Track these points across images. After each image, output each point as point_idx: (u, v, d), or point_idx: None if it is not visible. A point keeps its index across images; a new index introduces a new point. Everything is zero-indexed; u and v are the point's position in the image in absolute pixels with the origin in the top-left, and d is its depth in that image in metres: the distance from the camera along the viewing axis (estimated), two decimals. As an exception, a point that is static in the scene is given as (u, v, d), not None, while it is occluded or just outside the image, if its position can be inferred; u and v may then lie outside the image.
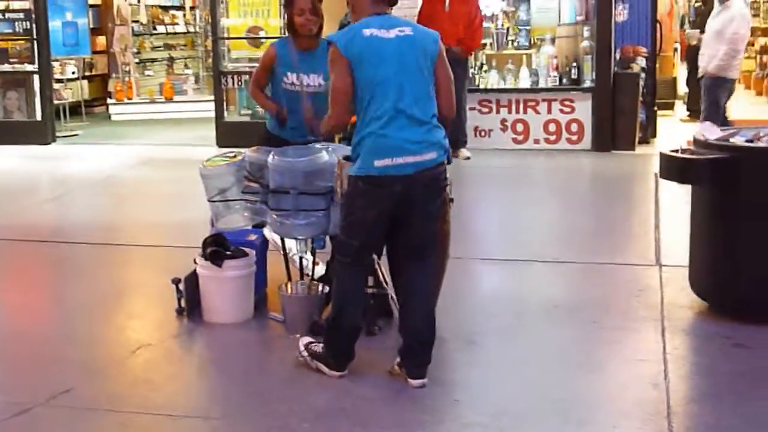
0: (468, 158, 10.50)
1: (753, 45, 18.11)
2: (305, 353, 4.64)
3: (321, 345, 4.60)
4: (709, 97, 9.42)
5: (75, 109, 14.86)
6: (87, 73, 15.84)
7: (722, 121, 9.43)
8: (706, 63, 9.43)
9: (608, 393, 4.50)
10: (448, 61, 4.57)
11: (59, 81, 14.41)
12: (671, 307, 5.52)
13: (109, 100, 15.74)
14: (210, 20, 13.34)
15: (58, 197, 9.65)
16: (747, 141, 5.28)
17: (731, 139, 5.31)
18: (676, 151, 5.41)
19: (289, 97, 5.48)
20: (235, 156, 5.42)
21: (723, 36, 9.19)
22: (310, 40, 5.46)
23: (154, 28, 17.15)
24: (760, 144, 5.25)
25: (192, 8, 18.03)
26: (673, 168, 5.39)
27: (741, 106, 15.19)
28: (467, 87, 10.73)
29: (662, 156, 5.47)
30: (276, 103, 5.58)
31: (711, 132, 5.42)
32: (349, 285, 4.54)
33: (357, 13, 4.52)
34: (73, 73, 15.11)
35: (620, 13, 11.46)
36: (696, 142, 5.39)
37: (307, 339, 4.72)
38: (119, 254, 7.24)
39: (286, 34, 5.70)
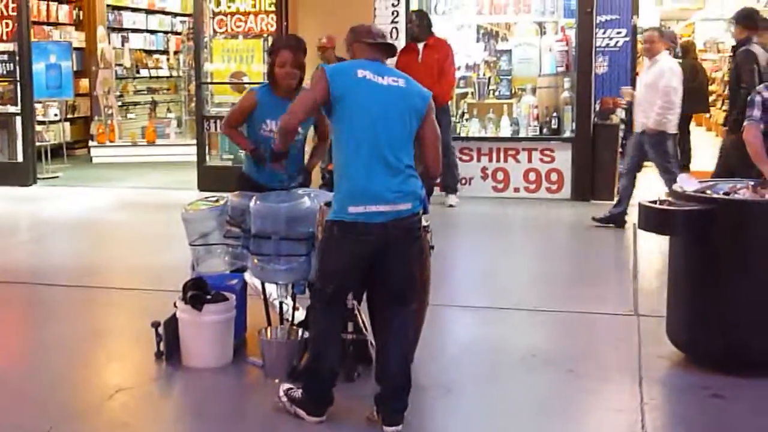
0: (451, 206, 10.55)
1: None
2: (284, 398, 4.64)
3: (300, 390, 4.60)
4: (657, 151, 9.33)
5: (56, 152, 14.85)
6: (69, 116, 15.87)
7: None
8: (644, 119, 9.37)
9: (586, 442, 4.50)
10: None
11: (41, 123, 14.43)
12: (649, 358, 5.55)
13: (90, 143, 15.74)
14: (194, 65, 13.42)
15: (38, 239, 9.63)
16: (724, 193, 5.35)
17: (709, 191, 5.38)
18: (655, 202, 5.47)
19: (266, 144, 5.50)
20: (217, 200, 5.45)
21: (656, 90, 9.22)
22: (290, 89, 5.52)
23: (138, 72, 17.23)
24: (737, 196, 5.32)
25: (176, 53, 18.12)
26: (651, 219, 5.44)
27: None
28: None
29: (641, 207, 5.52)
30: (248, 142, 5.61)
31: (689, 184, 5.49)
32: (325, 329, 4.55)
33: (356, 56, 4.60)
34: (56, 115, 15.13)
35: (600, 66, 11.60)
36: (674, 193, 5.45)
37: (286, 385, 4.72)
38: (98, 297, 7.22)
39: (266, 81, 5.75)
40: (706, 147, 16.57)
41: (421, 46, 10.70)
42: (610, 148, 11.03)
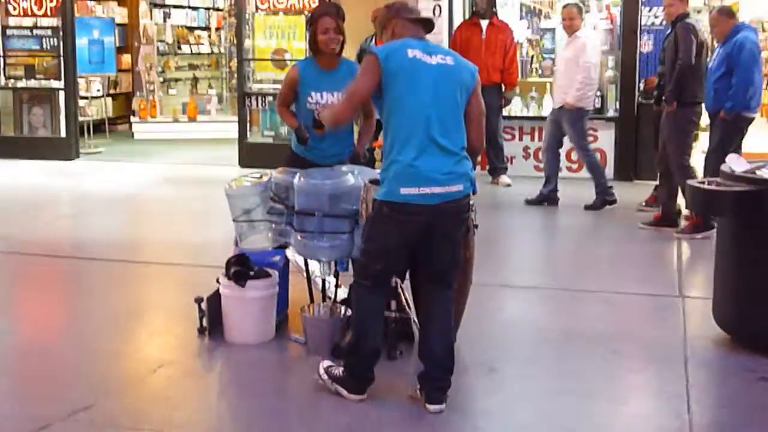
0: (509, 185, 10.51)
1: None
2: (325, 376, 4.63)
3: (341, 368, 4.59)
4: (574, 127, 9.29)
5: (98, 127, 14.95)
6: (111, 91, 15.95)
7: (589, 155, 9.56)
8: (563, 94, 9.31)
9: (629, 424, 4.47)
10: (482, 91, 4.60)
11: (84, 98, 14.51)
12: (694, 339, 5.49)
13: (132, 119, 15.82)
14: (235, 41, 13.43)
15: (80, 213, 9.69)
16: (774, 174, 5.26)
17: (758, 172, 5.30)
18: (703, 182, 5.39)
19: (310, 118, 5.48)
20: (261, 177, 5.44)
21: (576, 66, 9.13)
22: (332, 58, 5.49)
23: (179, 48, 17.28)
24: (787, 177, 5.23)
25: (217, 29, 18.15)
26: (700, 199, 5.38)
27: (766, 139, 15.16)
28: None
29: (689, 187, 5.45)
30: (298, 121, 5.60)
31: (738, 164, 5.41)
32: (369, 308, 4.53)
33: (395, 35, 4.53)
34: (98, 90, 15.22)
35: (645, 44, 11.44)
36: (723, 174, 5.37)
37: (327, 362, 4.71)
38: (141, 272, 7.26)
39: (309, 53, 5.73)
40: (756, 127, 16.35)
41: (484, 24, 10.63)
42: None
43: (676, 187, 8.24)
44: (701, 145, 13.93)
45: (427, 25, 4.58)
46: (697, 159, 9.08)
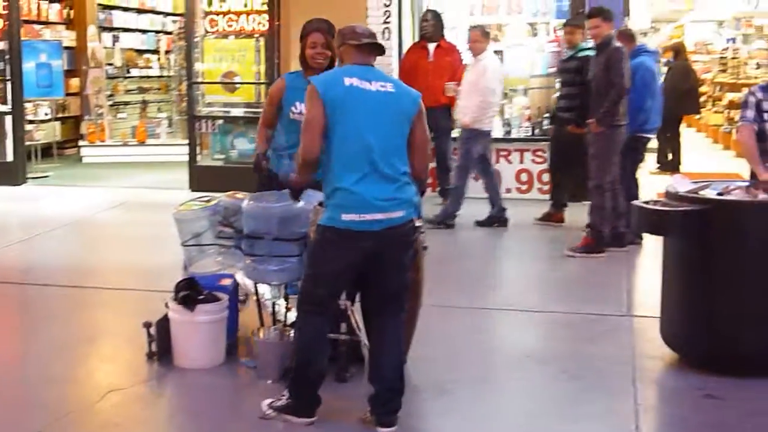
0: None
1: (721, 100, 18.40)
2: (270, 412, 4.60)
3: (283, 398, 4.57)
4: (465, 148, 9.50)
5: (47, 151, 14.80)
6: (60, 115, 15.81)
7: (486, 171, 9.77)
8: (463, 115, 9.56)
9: (580, 443, 4.49)
10: (429, 117, 4.61)
11: (32, 122, 14.37)
12: (643, 358, 5.54)
13: (81, 142, 15.68)
14: (185, 64, 13.38)
15: (28, 239, 9.57)
16: (718, 194, 5.35)
17: (702, 192, 5.38)
18: (648, 202, 5.46)
19: (297, 128, 5.45)
20: (209, 200, 5.42)
21: (477, 89, 9.32)
22: (320, 70, 5.43)
23: (129, 71, 17.18)
24: (731, 197, 5.32)
25: (167, 52, 18.07)
26: (646, 219, 5.44)
27: (707, 159, 15.42)
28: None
29: (635, 207, 5.52)
30: (264, 146, 5.60)
31: (682, 184, 5.49)
32: (313, 333, 4.52)
33: (343, 61, 4.56)
34: (46, 114, 15.08)
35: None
36: (668, 194, 5.44)
37: (268, 400, 4.67)
38: (90, 297, 7.19)
39: (299, 67, 5.73)
40: (696, 148, 16.64)
41: (432, 47, 10.68)
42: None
43: (605, 206, 8.31)
44: (647, 166, 14.18)
45: (376, 49, 4.57)
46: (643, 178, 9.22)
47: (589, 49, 9.20)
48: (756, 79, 16.52)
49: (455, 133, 10.39)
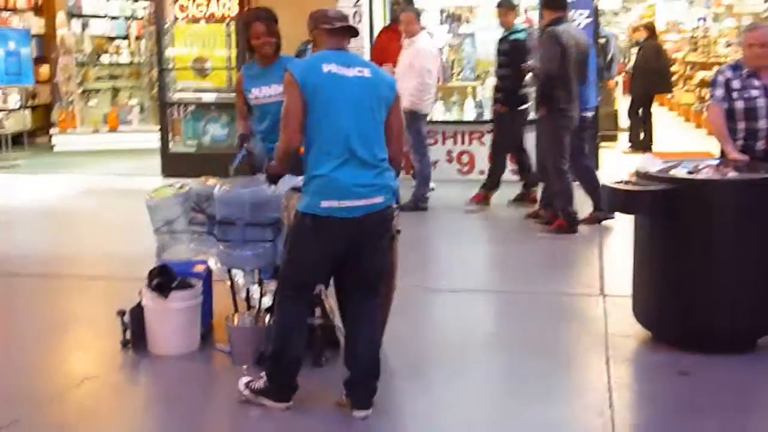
0: (432, 189, 10.54)
1: (692, 79, 18.49)
2: (246, 391, 4.61)
3: (261, 380, 4.58)
4: (411, 131, 9.52)
5: (17, 139, 14.70)
6: (30, 103, 15.69)
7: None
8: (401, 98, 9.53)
9: (554, 422, 4.51)
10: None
11: (1, 110, 14.25)
12: (615, 337, 5.58)
13: (52, 130, 15.58)
14: (156, 50, 13.32)
15: (0, 228, 9.52)
16: (688, 173, 5.39)
17: (672, 171, 5.41)
18: (619, 182, 5.50)
19: (261, 111, 5.50)
20: (182, 187, 5.40)
21: (413, 70, 9.34)
22: (269, 57, 5.53)
23: (98, 58, 17.05)
24: (701, 176, 5.36)
25: (137, 38, 17.95)
26: (616, 199, 5.48)
27: (680, 138, 15.51)
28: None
29: (605, 188, 5.55)
30: (245, 132, 5.70)
31: (653, 164, 5.52)
32: (291, 318, 4.53)
33: (317, 45, 4.55)
34: (16, 102, 14.96)
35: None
36: (638, 173, 5.48)
37: (246, 378, 4.68)
38: (63, 285, 7.16)
39: (248, 59, 5.86)
40: (668, 127, 16.73)
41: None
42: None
43: (567, 188, 8.39)
44: (620, 147, 14.25)
45: (349, 32, 4.56)
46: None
47: (521, 31, 9.34)
48: (726, 57, 16.60)
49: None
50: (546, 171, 8.54)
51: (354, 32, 4.57)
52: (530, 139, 9.47)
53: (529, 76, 9.29)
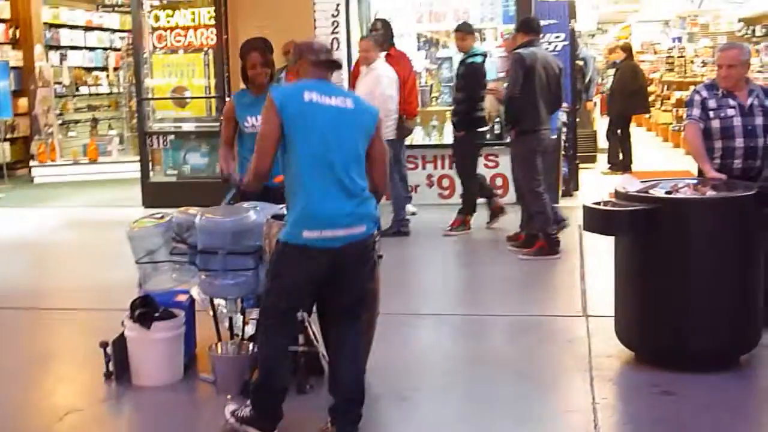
0: (414, 213, 10.57)
1: (669, 99, 18.63)
2: (232, 420, 4.60)
3: (247, 408, 4.57)
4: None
5: (-4, 172, 14.65)
6: (9, 136, 15.64)
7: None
8: None
9: (539, 444, 4.53)
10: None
11: (-20, 144, 14.21)
12: (599, 357, 5.60)
13: (31, 163, 15.52)
14: (134, 81, 13.32)
15: (-20, 262, 9.47)
16: (666, 192, 5.43)
17: (651, 191, 5.45)
18: (599, 203, 5.53)
19: (253, 141, 5.50)
20: (162, 217, 5.40)
21: (373, 98, 9.37)
22: (263, 86, 5.70)
23: (77, 90, 17.05)
24: (679, 195, 5.40)
25: (115, 69, 17.97)
26: (596, 220, 5.50)
27: (658, 158, 15.60)
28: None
29: (585, 208, 5.58)
30: (230, 164, 5.75)
31: (631, 184, 5.56)
32: (276, 347, 4.52)
33: (301, 76, 4.56)
34: (-6, 135, 14.93)
35: (540, 70, 11.67)
36: (617, 194, 5.51)
37: (232, 406, 4.67)
38: (44, 318, 7.12)
39: (242, 85, 6.00)
40: (646, 147, 16.83)
41: (382, 55, 10.70)
42: (553, 151, 11.08)
43: (544, 209, 8.47)
44: (599, 167, 14.32)
45: (332, 65, 4.59)
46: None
47: (477, 55, 9.42)
48: (702, 76, 16.76)
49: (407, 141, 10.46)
50: (531, 192, 8.57)
51: (338, 66, 4.62)
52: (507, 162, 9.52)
53: (487, 100, 9.46)
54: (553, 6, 11.72)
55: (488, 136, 10.60)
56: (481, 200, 9.89)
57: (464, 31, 9.75)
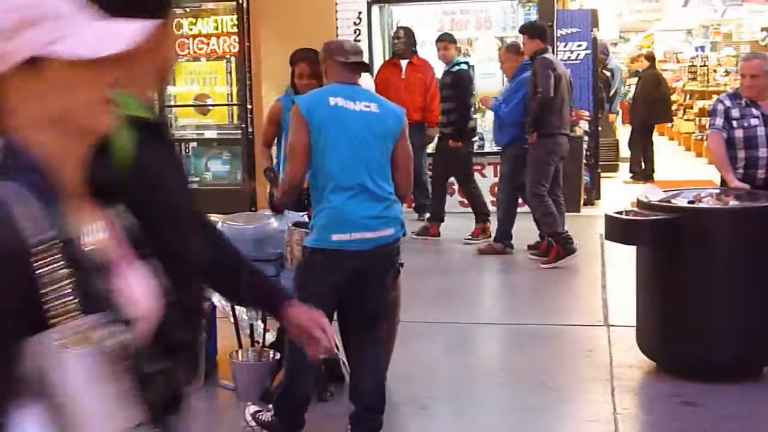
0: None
1: (692, 108, 18.56)
2: (253, 422, 4.61)
3: (269, 413, 4.57)
4: None
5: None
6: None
7: None
8: None
9: (560, 454, 4.52)
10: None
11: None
12: (620, 367, 5.58)
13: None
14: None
15: None
16: (689, 202, 5.41)
17: (673, 201, 5.43)
18: (621, 212, 5.51)
19: None
20: (184, 224, 5.41)
21: None
22: None
23: (100, 97, 17.15)
24: (702, 205, 5.38)
25: (138, 76, 18.06)
26: (618, 229, 5.49)
27: (680, 167, 15.53)
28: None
29: (607, 218, 5.56)
30: (268, 162, 5.90)
31: (654, 193, 5.54)
32: (302, 356, 4.50)
33: (328, 76, 4.56)
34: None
35: (562, 78, 11.66)
36: (639, 203, 5.49)
37: (253, 408, 4.68)
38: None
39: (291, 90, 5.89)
40: (669, 156, 16.76)
41: (404, 63, 10.73)
42: (575, 160, 11.08)
43: (549, 211, 8.51)
44: (621, 176, 14.28)
45: (361, 67, 4.58)
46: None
47: (463, 63, 9.45)
48: (725, 86, 16.68)
49: (429, 149, 10.51)
50: (535, 197, 8.58)
51: (366, 68, 4.62)
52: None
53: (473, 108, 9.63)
54: (575, 14, 11.73)
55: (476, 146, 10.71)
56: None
57: (446, 40, 9.88)
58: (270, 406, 4.60)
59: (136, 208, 1.63)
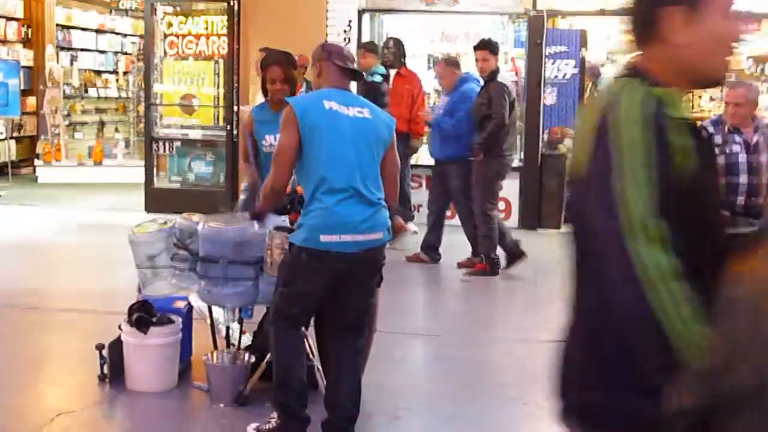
0: (415, 232, 10.56)
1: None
2: None
3: (272, 420, 4.55)
4: None
5: (1, 170, 14.66)
6: (15, 134, 15.68)
7: None
8: None
9: (530, 470, 4.52)
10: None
11: (-14, 141, 14.25)
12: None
13: (36, 162, 15.54)
14: (143, 86, 13.36)
15: (-20, 258, 9.47)
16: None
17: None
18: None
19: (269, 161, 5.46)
20: (165, 223, 5.41)
21: None
22: (280, 103, 5.38)
23: (86, 92, 17.10)
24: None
25: (125, 73, 18.03)
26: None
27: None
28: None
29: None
30: (255, 176, 5.54)
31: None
32: (289, 345, 4.53)
33: (321, 77, 4.57)
34: (1, 133, 14.95)
35: (548, 96, 11.72)
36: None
37: (254, 424, 4.65)
38: (42, 319, 7.10)
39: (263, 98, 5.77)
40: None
41: (392, 72, 10.74)
42: (558, 178, 11.13)
43: (493, 233, 8.63)
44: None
45: (354, 75, 4.64)
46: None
47: (377, 74, 9.49)
48: (709, 112, 16.74)
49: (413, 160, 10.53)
50: (483, 215, 8.66)
51: (359, 76, 4.66)
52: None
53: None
54: (564, 33, 11.77)
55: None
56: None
57: (366, 48, 10.02)
58: (272, 415, 4.58)
59: None
